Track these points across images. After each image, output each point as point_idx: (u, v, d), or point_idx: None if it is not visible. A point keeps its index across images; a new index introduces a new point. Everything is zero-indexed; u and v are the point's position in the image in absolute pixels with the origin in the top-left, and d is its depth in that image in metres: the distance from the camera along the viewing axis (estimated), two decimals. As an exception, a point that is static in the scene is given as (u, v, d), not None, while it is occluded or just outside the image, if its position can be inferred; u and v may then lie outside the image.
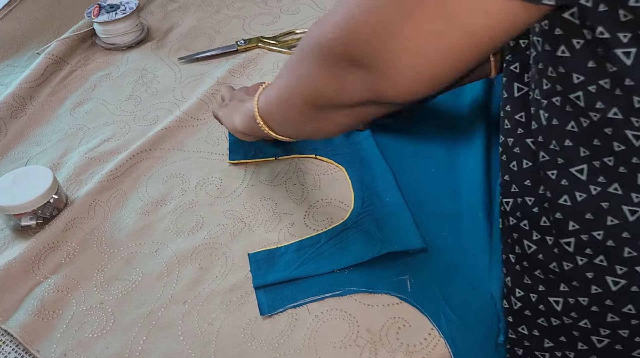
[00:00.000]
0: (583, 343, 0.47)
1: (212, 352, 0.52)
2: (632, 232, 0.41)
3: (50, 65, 0.88)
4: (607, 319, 0.44)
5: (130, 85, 0.85)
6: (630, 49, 0.34)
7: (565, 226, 0.44)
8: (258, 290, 0.56)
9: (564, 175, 0.43)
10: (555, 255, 0.46)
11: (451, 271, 0.57)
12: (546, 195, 0.45)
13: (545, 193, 0.45)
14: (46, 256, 0.61)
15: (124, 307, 0.56)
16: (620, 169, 0.39)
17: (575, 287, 0.46)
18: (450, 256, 0.58)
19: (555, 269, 0.46)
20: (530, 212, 0.47)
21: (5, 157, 0.75)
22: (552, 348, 0.49)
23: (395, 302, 0.54)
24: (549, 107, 0.42)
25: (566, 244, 0.44)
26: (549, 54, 0.40)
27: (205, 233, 0.62)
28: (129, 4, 0.92)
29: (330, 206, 0.64)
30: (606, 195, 0.41)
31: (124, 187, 0.68)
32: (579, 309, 0.46)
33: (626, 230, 0.41)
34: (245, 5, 1.02)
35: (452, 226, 0.61)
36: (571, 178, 0.42)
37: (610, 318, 0.44)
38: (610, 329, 0.45)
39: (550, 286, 0.47)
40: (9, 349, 0.54)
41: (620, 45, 0.35)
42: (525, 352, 0.51)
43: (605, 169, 0.40)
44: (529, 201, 0.47)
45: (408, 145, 0.71)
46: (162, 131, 0.74)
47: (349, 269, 0.57)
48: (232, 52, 0.89)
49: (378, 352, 0.51)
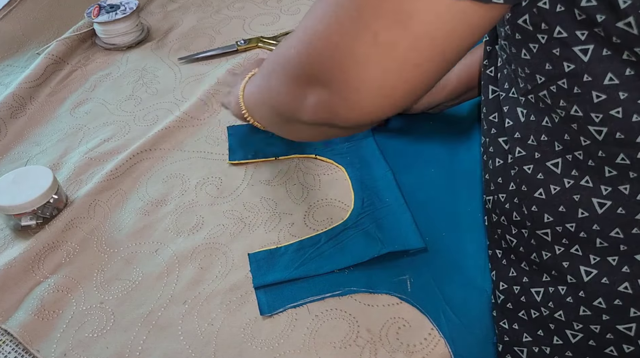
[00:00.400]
0: (558, 337, 0.48)
1: (212, 352, 0.52)
2: (602, 224, 0.42)
3: (50, 65, 0.88)
4: (579, 312, 0.45)
5: (130, 85, 0.85)
6: (587, 46, 0.35)
7: (541, 218, 0.45)
8: (258, 290, 0.56)
9: (540, 169, 0.44)
10: (533, 246, 0.47)
11: (451, 271, 0.57)
12: (520, 189, 0.46)
13: (517, 189, 0.46)
14: (46, 256, 0.61)
15: (124, 307, 0.56)
16: (589, 162, 0.41)
17: (554, 276, 0.47)
18: (450, 256, 0.58)
19: (536, 259, 0.48)
20: (504, 208, 0.49)
21: (5, 157, 0.75)
22: (530, 342, 0.50)
23: (395, 302, 0.54)
24: (526, 104, 0.44)
25: (544, 234, 0.46)
26: (515, 55, 0.41)
27: (205, 233, 0.62)
28: (129, 4, 0.92)
29: (330, 206, 0.64)
30: (578, 188, 0.42)
31: (124, 187, 0.68)
32: (556, 299, 0.47)
33: (596, 222, 0.42)
34: (245, 6, 1.02)
35: (452, 226, 0.61)
36: (547, 171, 0.44)
37: (583, 311, 0.45)
38: (583, 323, 0.46)
39: (533, 277, 0.48)
40: (9, 349, 0.54)
41: (578, 43, 0.36)
42: (505, 348, 0.52)
43: (577, 163, 0.42)
44: (502, 197, 0.49)
45: (408, 145, 0.71)
46: (162, 131, 0.74)
47: (349, 269, 0.57)
48: (232, 52, 0.89)
49: (378, 352, 0.51)
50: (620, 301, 0.43)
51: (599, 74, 0.36)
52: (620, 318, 0.43)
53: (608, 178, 0.40)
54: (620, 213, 0.41)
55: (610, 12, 0.33)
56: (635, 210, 0.40)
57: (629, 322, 0.43)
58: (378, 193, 0.64)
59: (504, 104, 0.46)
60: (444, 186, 0.65)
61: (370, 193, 0.64)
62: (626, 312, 0.43)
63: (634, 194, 0.40)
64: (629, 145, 0.38)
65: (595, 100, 0.37)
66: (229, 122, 0.76)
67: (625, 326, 0.43)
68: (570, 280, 0.45)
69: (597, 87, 0.37)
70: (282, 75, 0.43)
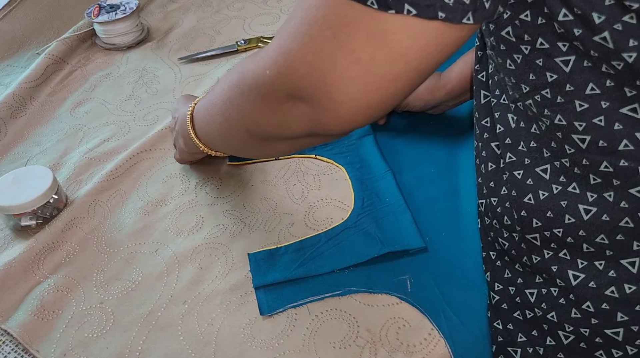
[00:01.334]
0: (552, 338, 0.48)
1: (212, 352, 0.52)
2: (587, 230, 0.42)
3: (50, 65, 0.88)
4: (571, 314, 0.46)
5: (130, 85, 0.85)
6: (569, 57, 0.36)
7: (530, 223, 0.46)
8: (258, 290, 0.56)
9: (529, 175, 0.45)
10: (523, 249, 0.48)
11: (451, 271, 0.57)
12: (511, 194, 0.46)
13: (508, 194, 0.47)
14: (46, 256, 0.61)
15: (124, 307, 0.56)
16: (575, 170, 0.41)
17: (545, 279, 0.47)
18: (450, 256, 0.58)
19: (527, 262, 0.48)
20: (495, 212, 0.49)
21: (5, 157, 0.75)
22: (524, 343, 0.50)
23: (395, 302, 0.54)
24: (516, 111, 0.44)
25: (533, 239, 0.46)
26: (501, 65, 0.42)
27: (205, 233, 0.62)
28: (129, 4, 0.92)
29: (330, 206, 0.64)
30: (565, 194, 0.43)
31: (124, 187, 0.68)
32: (549, 300, 0.47)
33: (582, 228, 0.42)
34: (245, 6, 1.02)
35: (452, 226, 0.61)
36: (536, 177, 0.44)
37: (574, 313, 0.45)
38: (574, 326, 0.46)
39: (527, 278, 0.49)
40: (8, 349, 0.54)
41: (560, 54, 0.37)
42: (499, 348, 0.52)
43: (564, 169, 0.42)
44: (494, 201, 0.49)
45: (408, 145, 0.71)
46: (162, 131, 0.74)
47: (349, 269, 0.57)
48: (232, 52, 0.89)
49: (378, 352, 0.51)
50: (607, 305, 0.43)
51: (580, 84, 0.37)
52: (608, 322, 0.44)
53: (593, 185, 0.41)
54: (605, 219, 0.41)
55: (586, 27, 0.33)
56: (619, 217, 0.40)
57: (616, 327, 0.43)
58: (378, 193, 0.64)
59: (496, 110, 0.47)
60: (444, 186, 0.65)
61: (370, 193, 0.64)
62: (613, 316, 0.43)
63: (618, 201, 0.40)
64: (612, 153, 0.38)
65: (578, 109, 0.38)
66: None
67: (612, 331, 0.44)
68: (560, 283, 0.46)
69: (580, 97, 0.37)
70: (256, 97, 0.43)
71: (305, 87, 0.37)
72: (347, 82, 0.36)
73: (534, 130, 0.43)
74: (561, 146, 0.41)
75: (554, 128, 0.40)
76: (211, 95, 0.53)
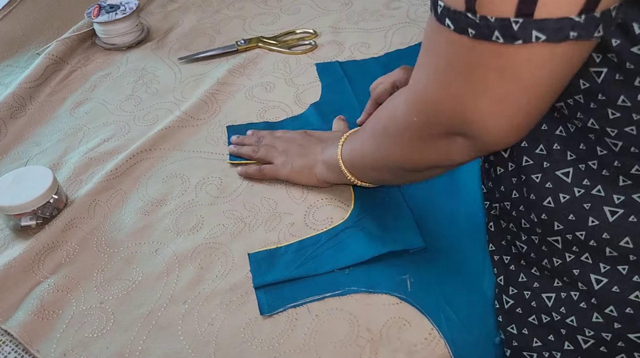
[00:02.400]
0: (570, 342, 0.48)
1: (212, 352, 0.52)
2: (612, 232, 0.42)
3: (50, 65, 0.88)
4: (592, 319, 0.45)
5: (130, 85, 0.85)
6: (601, 69, 0.37)
7: (551, 226, 0.45)
8: (258, 290, 0.56)
9: (548, 178, 0.45)
10: (544, 252, 0.48)
11: (451, 271, 0.57)
12: (528, 198, 0.46)
13: (521, 197, 0.47)
14: (46, 256, 0.61)
15: (124, 307, 0.56)
16: (604, 172, 0.41)
17: (566, 282, 0.47)
18: (450, 256, 0.58)
19: (547, 265, 0.48)
20: (511, 216, 0.50)
21: (5, 157, 0.75)
22: (540, 347, 0.50)
23: (396, 302, 0.54)
24: None
25: (555, 241, 0.46)
26: None
27: (205, 233, 0.62)
28: (129, 4, 0.92)
29: (330, 206, 0.64)
30: (589, 197, 0.42)
31: (124, 187, 0.68)
32: (568, 305, 0.47)
33: (606, 230, 0.42)
34: (245, 5, 1.02)
35: (452, 226, 0.61)
36: (556, 181, 0.44)
37: (595, 318, 0.45)
38: (595, 330, 0.46)
39: (544, 282, 0.48)
40: (8, 349, 0.54)
41: (594, 65, 0.37)
42: (513, 353, 0.51)
43: (590, 172, 0.42)
44: (507, 205, 0.50)
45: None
46: (162, 131, 0.74)
47: (349, 269, 0.57)
48: (232, 52, 0.89)
49: (378, 351, 0.51)
50: (631, 310, 0.43)
51: (612, 95, 0.37)
52: (632, 326, 0.43)
53: (622, 187, 0.41)
54: (632, 221, 0.41)
55: (625, 37, 0.33)
56: None
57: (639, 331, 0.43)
58: (378, 193, 0.64)
59: None
60: (444, 186, 0.65)
61: (370, 193, 0.64)
62: (637, 321, 0.43)
63: None
64: None
65: (610, 116, 0.38)
66: (228, 122, 0.76)
67: (636, 335, 0.43)
68: (582, 287, 0.45)
69: (612, 106, 0.38)
70: (413, 139, 0.45)
71: (456, 126, 0.39)
72: (491, 118, 0.37)
73: (559, 132, 0.43)
74: (592, 148, 0.41)
75: (587, 130, 0.41)
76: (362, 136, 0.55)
